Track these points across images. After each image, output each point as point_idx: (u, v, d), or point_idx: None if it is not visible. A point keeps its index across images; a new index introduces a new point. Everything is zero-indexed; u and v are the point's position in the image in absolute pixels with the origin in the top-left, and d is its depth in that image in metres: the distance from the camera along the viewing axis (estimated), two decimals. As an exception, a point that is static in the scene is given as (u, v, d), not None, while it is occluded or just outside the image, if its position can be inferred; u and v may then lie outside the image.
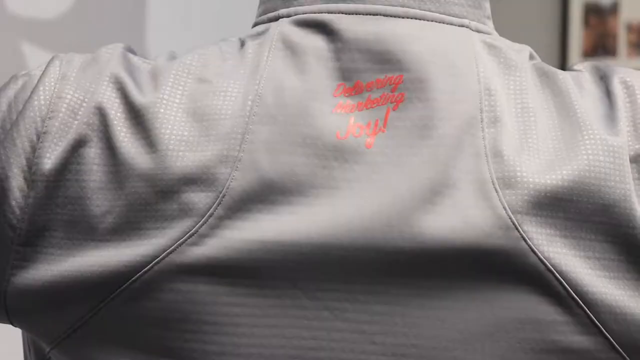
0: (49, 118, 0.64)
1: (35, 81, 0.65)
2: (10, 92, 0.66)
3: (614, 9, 2.63)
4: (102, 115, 0.63)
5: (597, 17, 2.64)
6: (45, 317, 0.64)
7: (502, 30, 0.68)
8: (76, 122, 0.63)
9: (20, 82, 0.67)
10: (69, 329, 0.63)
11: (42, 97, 0.64)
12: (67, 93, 0.64)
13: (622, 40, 2.62)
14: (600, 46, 2.64)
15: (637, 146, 0.63)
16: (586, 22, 2.65)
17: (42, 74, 0.66)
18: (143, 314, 0.62)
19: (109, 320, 0.62)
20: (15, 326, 0.66)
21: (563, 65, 2.64)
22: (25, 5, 1.61)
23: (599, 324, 0.61)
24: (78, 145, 0.63)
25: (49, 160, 0.63)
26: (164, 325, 0.62)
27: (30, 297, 0.63)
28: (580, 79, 0.67)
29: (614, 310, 0.61)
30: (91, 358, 0.64)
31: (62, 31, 1.59)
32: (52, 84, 0.65)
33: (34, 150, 0.63)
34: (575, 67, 0.69)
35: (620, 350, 0.62)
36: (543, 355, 0.61)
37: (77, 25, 1.60)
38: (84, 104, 0.64)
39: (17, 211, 0.63)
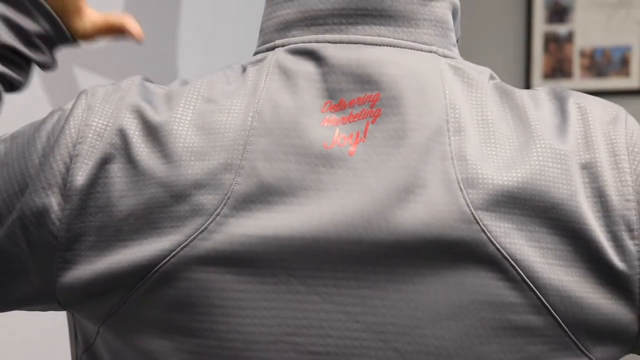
0: (79, 143, 0.66)
1: (67, 114, 0.68)
2: (49, 126, 0.69)
3: (569, 38, 2.62)
4: (123, 135, 0.65)
5: (555, 44, 2.64)
6: (89, 304, 0.66)
7: (473, 56, 0.67)
8: (101, 143, 0.65)
9: (55, 117, 0.70)
10: (108, 312, 0.65)
11: (72, 126, 0.67)
12: (92, 120, 0.66)
13: (577, 64, 2.62)
14: (558, 69, 2.64)
15: (587, 156, 0.64)
16: (546, 48, 2.65)
17: (72, 107, 0.69)
18: (163, 300, 0.63)
19: (137, 306, 0.64)
20: (69, 311, 0.70)
21: (527, 85, 2.63)
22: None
23: (547, 305, 0.62)
24: (104, 162, 0.65)
25: (81, 177, 0.65)
26: (180, 308, 0.63)
27: (75, 291, 0.66)
28: (536, 96, 0.68)
29: (560, 293, 0.62)
30: (126, 335, 0.66)
31: (108, 57, 1.59)
32: (80, 114, 0.67)
33: (68, 170, 0.65)
34: (535, 88, 0.69)
35: (566, 328, 0.63)
36: (500, 332, 0.62)
37: (120, 52, 1.60)
38: (108, 128, 0.66)
39: (57, 222, 0.65)
